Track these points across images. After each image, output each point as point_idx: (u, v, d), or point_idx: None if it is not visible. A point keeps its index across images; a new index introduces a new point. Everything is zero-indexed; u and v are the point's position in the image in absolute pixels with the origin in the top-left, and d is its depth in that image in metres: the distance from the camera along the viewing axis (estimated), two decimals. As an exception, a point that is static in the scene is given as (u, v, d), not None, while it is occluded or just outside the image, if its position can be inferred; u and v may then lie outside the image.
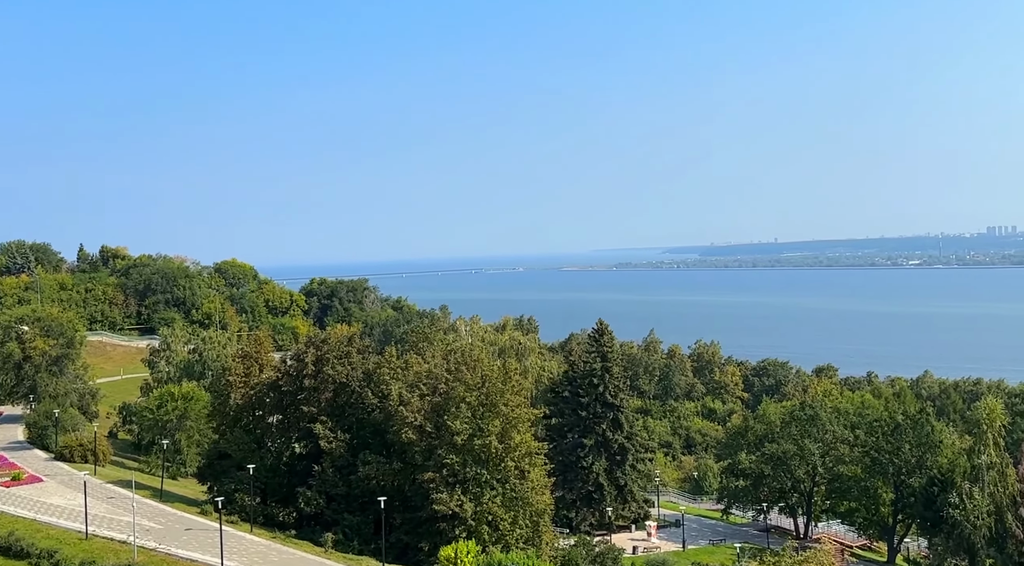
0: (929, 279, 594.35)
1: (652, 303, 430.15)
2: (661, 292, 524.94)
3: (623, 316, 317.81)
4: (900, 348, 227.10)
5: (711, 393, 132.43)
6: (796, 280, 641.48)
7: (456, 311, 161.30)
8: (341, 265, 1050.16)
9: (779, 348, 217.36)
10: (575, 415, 72.92)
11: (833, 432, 70.92)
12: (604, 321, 77.86)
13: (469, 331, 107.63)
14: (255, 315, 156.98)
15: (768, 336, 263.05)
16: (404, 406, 51.85)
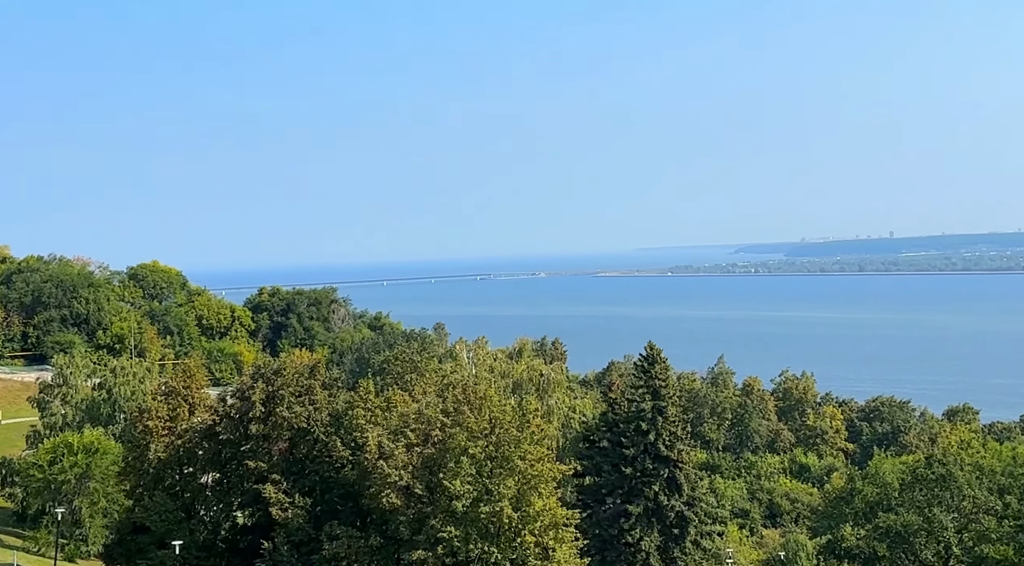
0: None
1: (721, 321, 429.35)
2: (733, 305, 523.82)
3: (681, 338, 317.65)
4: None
5: (803, 443, 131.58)
6: (919, 288, 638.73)
7: (456, 331, 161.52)
8: (300, 269, 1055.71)
9: (896, 382, 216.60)
10: (617, 472, 72.62)
11: (973, 498, 70.05)
12: (655, 345, 77.55)
13: (473, 359, 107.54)
14: (184, 337, 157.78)
15: (881, 366, 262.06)
16: (385, 460, 52.12)
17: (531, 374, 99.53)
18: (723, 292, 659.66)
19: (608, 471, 72.96)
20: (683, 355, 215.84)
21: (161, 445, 59.55)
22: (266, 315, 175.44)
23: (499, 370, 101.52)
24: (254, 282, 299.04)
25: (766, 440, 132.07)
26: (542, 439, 54.74)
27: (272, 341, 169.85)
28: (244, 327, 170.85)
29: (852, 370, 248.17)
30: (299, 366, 62.93)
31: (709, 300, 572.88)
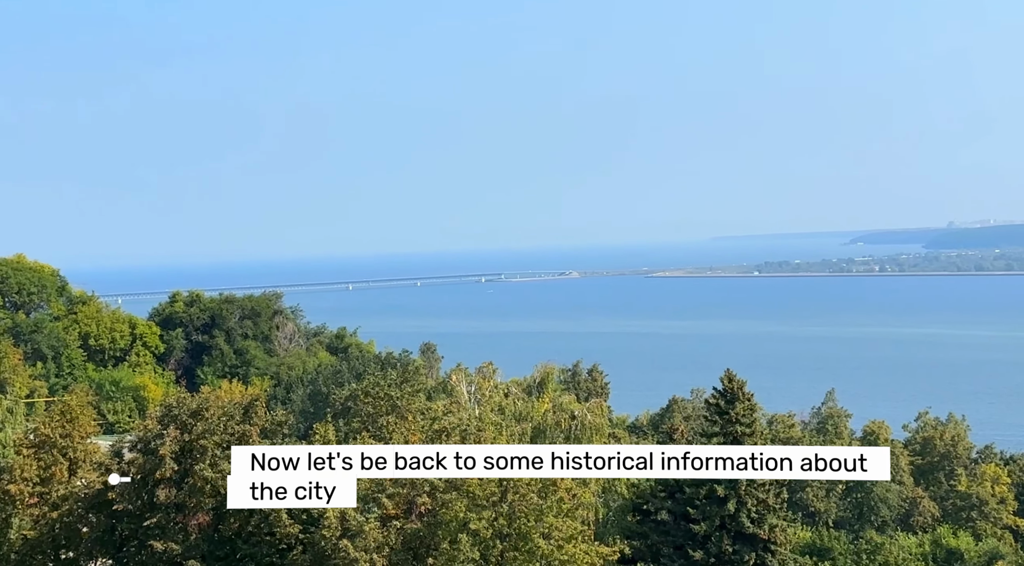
0: None
1: (830, 341, 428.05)
2: (847, 318, 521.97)
3: (774, 366, 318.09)
4: None
5: (951, 518, 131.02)
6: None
7: (451, 355, 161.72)
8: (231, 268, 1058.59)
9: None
10: (682, 558, 72.70)
11: None
12: (736, 375, 77.57)
13: (476, 394, 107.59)
14: (63, 364, 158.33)
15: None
16: (351, 539, 52.48)
17: (559, 416, 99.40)
18: (834, 299, 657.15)
19: (669, 555, 73.20)
20: (776, 390, 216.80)
21: (28, 520, 59.60)
22: (181, 332, 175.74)
23: (513, 411, 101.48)
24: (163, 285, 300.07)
25: (898, 513, 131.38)
26: (574, 509, 54.99)
27: (190, 369, 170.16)
28: (149, 349, 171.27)
29: (1019, 411, 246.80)
30: (228, 405, 63.01)
31: (814, 311, 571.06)
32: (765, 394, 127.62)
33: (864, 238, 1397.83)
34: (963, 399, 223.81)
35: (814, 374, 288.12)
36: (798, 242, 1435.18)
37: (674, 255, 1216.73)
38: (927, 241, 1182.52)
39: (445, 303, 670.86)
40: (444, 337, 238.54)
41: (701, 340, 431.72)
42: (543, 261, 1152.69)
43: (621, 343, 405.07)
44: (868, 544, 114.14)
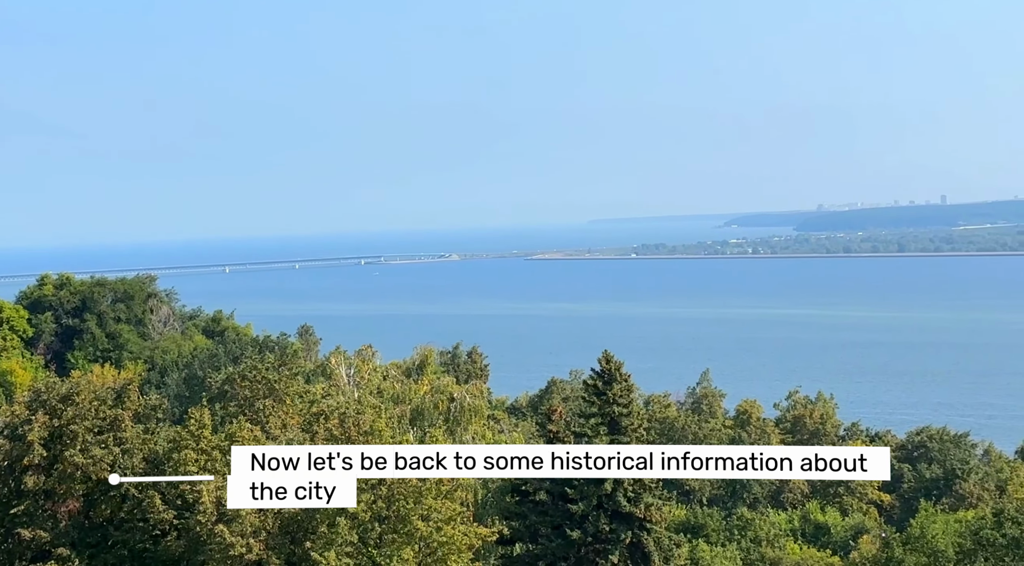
0: None
1: (705, 322, 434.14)
2: (721, 299, 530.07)
3: (650, 347, 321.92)
4: None
5: (820, 494, 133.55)
6: (983, 275, 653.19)
7: (330, 337, 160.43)
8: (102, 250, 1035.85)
9: (950, 408, 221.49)
10: (560, 537, 73.01)
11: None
12: (613, 356, 78.09)
13: (355, 377, 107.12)
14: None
15: (929, 385, 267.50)
16: (227, 524, 51.99)
17: (437, 398, 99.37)
18: (708, 280, 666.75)
19: (547, 535, 73.44)
20: (653, 370, 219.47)
21: None
22: (50, 316, 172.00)
23: (392, 393, 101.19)
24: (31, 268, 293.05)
25: (769, 490, 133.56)
26: (453, 491, 55.07)
27: (60, 354, 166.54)
28: (17, 333, 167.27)
29: (889, 391, 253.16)
30: (100, 390, 61.88)
31: (689, 292, 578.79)
32: (642, 375, 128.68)
33: (738, 221, 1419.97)
34: (832, 378, 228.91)
35: (689, 355, 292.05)
36: (674, 225, 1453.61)
37: (553, 238, 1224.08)
38: (798, 224, 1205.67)
39: (324, 286, 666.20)
40: (323, 320, 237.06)
41: (580, 322, 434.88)
42: (423, 244, 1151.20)
43: (500, 325, 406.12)
44: (740, 521, 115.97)
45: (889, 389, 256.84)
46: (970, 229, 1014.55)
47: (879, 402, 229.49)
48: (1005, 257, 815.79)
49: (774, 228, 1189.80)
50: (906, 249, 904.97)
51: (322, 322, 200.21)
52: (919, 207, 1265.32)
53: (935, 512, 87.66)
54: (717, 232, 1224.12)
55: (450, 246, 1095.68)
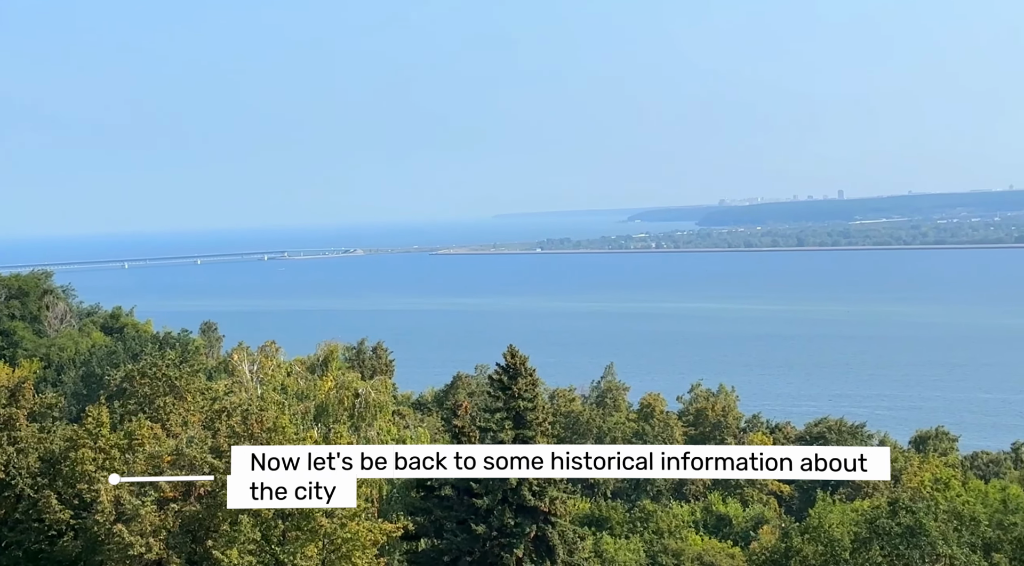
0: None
1: (609, 316, 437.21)
2: (625, 294, 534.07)
3: (555, 341, 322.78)
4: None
5: (721, 486, 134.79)
6: (878, 268, 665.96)
7: (233, 334, 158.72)
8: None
9: (847, 398, 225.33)
10: (465, 532, 72.98)
11: (951, 558, 73.28)
12: (518, 350, 78.18)
13: (258, 373, 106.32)
14: None
15: (827, 377, 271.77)
16: (126, 523, 51.31)
17: (342, 394, 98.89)
18: (612, 275, 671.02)
19: (452, 530, 73.35)
20: (558, 365, 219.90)
21: None
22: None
23: (296, 389, 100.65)
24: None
25: (672, 482, 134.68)
26: (358, 486, 54.53)
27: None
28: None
29: (788, 383, 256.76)
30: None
31: (593, 287, 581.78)
32: (547, 369, 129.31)
33: (641, 216, 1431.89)
34: (734, 371, 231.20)
35: (594, 349, 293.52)
36: (578, 220, 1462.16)
37: (458, 233, 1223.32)
38: (700, 218, 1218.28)
39: (227, 282, 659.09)
40: (226, 316, 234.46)
41: (485, 316, 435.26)
42: (327, 239, 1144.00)
43: (406, 320, 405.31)
44: (643, 513, 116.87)
45: (790, 381, 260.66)
46: (866, 224, 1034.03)
47: (780, 394, 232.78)
48: (899, 251, 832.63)
49: (677, 223, 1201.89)
50: (805, 243, 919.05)
51: (225, 318, 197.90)
52: (817, 202, 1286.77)
53: (832, 502, 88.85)
54: (621, 227, 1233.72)
55: (355, 241, 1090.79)
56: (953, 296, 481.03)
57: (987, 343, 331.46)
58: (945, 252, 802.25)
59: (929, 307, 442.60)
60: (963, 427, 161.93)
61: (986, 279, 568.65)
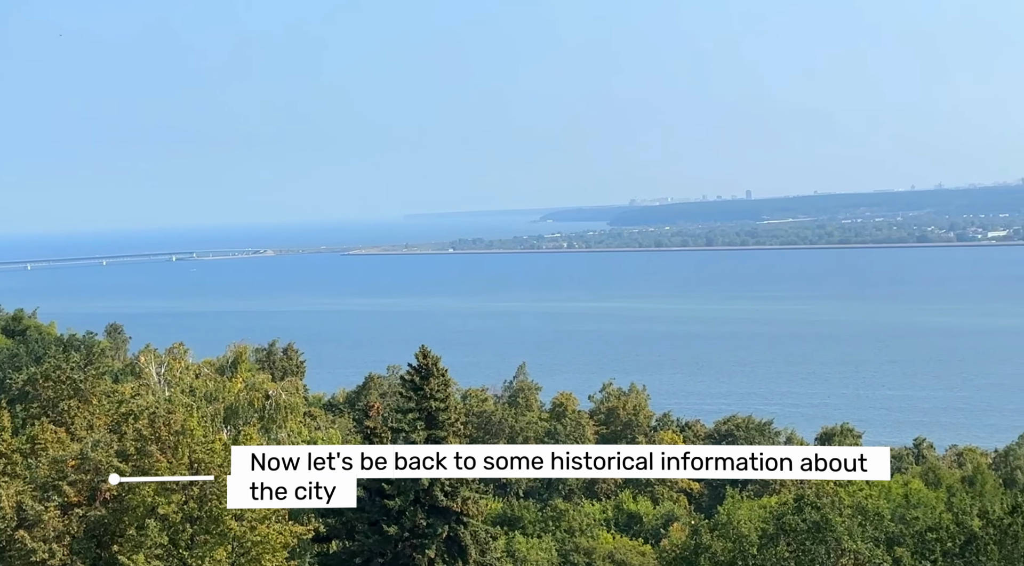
0: (1021, 265, 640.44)
1: (521, 315, 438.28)
2: (536, 293, 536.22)
3: (467, 341, 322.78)
4: (979, 393, 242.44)
5: (633, 484, 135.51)
6: (786, 267, 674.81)
7: (140, 336, 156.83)
8: None
9: (755, 397, 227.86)
10: (376, 533, 72.62)
11: (855, 553, 74.15)
12: (430, 351, 77.98)
13: (165, 375, 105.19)
14: None
15: (736, 375, 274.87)
16: (28, 529, 50.54)
17: (252, 396, 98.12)
18: (524, 275, 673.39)
19: (364, 532, 72.99)
20: (470, 365, 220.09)
21: None
22: None
23: (204, 391, 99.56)
24: None
25: (583, 481, 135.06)
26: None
27: None
28: None
29: (700, 382, 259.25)
30: None
31: (504, 286, 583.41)
32: (460, 369, 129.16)
33: (553, 215, 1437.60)
34: (645, 369, 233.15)
35: (506, 348, 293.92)
36: (490, 220, 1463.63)
37: (369, 233, 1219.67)
38: (611, 218, 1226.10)
39: (134, 283, 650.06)
40: (132, 318, 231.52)
41: (397, 317, 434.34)
42: (237, 239, 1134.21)
43: (318, 321, 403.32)
44: (555, 512, 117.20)
45: (699, 380, 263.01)
46: (773, 223, 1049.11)
47: (690, 392, 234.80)
48: (806, 250, 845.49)
49: (588, 223, 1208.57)
50: (714, 243, 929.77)
51: (131, 320, 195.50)
52: (726, 202, 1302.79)
53: (741, 499, 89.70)
54: (533, 227, 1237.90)
55: (265, 242, 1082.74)
56: (858, 294, 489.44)
57: (891, 340, 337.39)
58: (850, 251, 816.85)
59: (834, 305, 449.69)
60: (867, 423, 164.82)
61: (888, 277, 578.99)
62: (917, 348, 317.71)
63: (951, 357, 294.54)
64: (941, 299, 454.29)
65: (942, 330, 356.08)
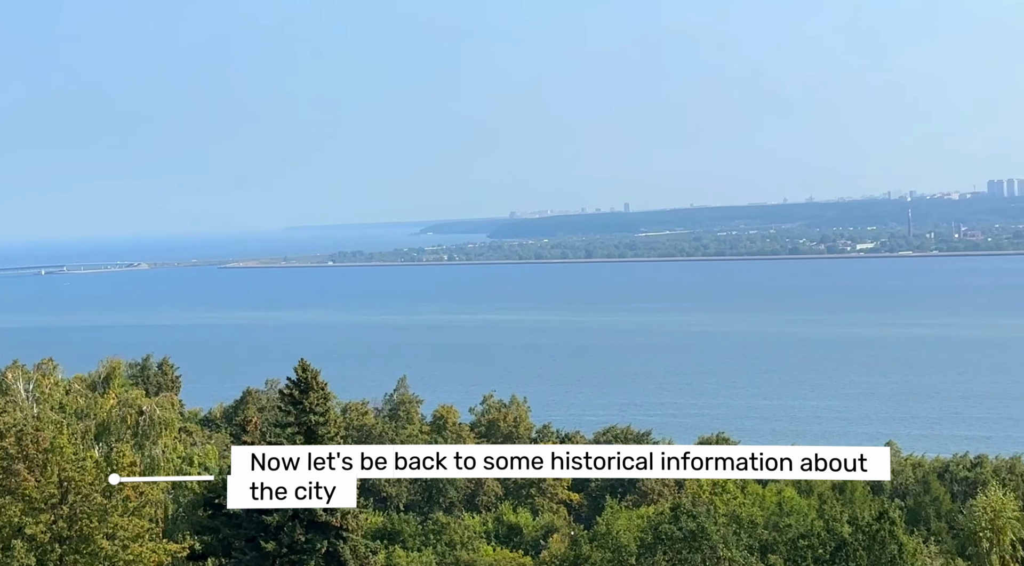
0: (887, 276, 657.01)
1: (401, 329, 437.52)
2: (417, 306, 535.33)
3: (346, 355, 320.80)
4: (847, 402, 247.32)
5: (513, 495, 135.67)
6: (663, 279, 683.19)
7: (6, 352, 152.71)
8: None
9: (634, 407, 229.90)
10: (254, 550, 72.00)
11: (730, 560, 75.33)
12: (310, 364, 77.68)
13: (34, 392, 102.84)
14: None
15: (615, 385, 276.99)
16: None
17: (125, 412, 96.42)
18: (404, 287, 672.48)
19: (241, 549, 72.40)
20: (350, 378, 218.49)
21: None
22: None
23: (75, 408, 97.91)
24: None
25: (464, 493, 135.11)
26: (141, 507, 53.43)
27: None
28: None
29: (580, 393, 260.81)
30: None
31: (385, 299, 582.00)
32: (339, 383, 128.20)
33: (434, 228, 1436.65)
34: (526, 381, 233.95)
35: (387, 361, 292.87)
36: (370, 232, 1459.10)
37: (247, 246, 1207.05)
38: (492, 231, 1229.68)
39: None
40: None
41: (276, 330, 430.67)
42: (110, 252, 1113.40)
43: (194, 335, 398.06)
44: (435, 525, 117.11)
45: (580, 391, 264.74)
46: (651, 236, 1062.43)
47: (571, 404, 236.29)
48: (682, 262, 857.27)
49: (469, 235, 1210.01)
50: (593, 255, 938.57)
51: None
52: (605, 215, 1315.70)
53: (619, 509, 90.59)
54: (413, 239, 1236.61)
55: (139, 254, 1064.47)
56: (733, 305, 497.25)
57: (767, 350, 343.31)
58: (725, 263, 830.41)
59: (710, 316, 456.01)
60: (743, 433, 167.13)
61: (763, 289, 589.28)
62: (790, 358, 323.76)
63: (823, 366, 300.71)
64: (813, 310, 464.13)
65: (814, 340, 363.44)
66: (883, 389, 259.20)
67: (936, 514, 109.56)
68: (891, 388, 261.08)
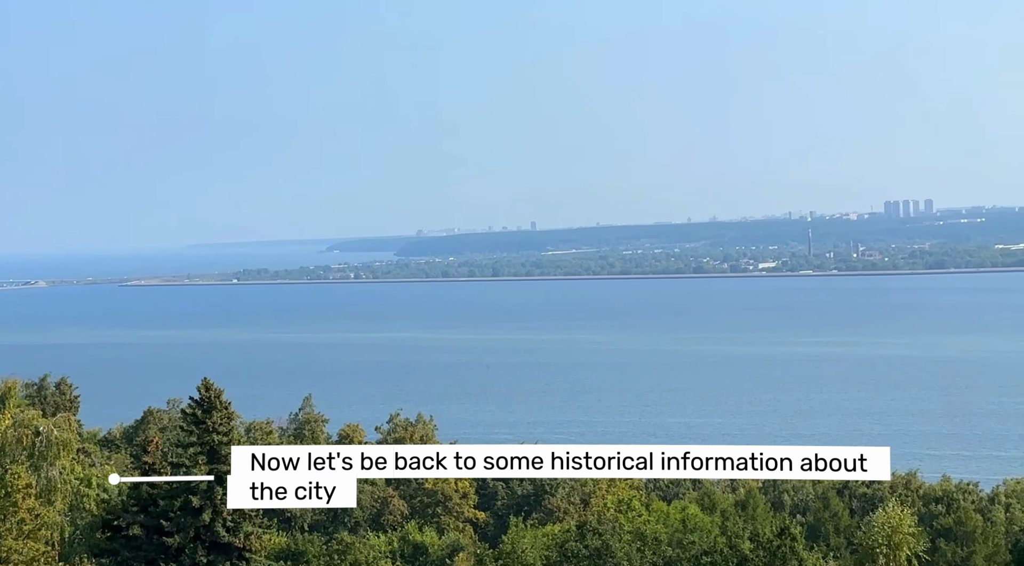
0: (788, 295, 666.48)
1: (306, 347, 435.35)
2: (323, 324, 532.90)
3: (251, 373, 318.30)
4: (751, 419, 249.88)
5: (419, 514, 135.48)
6: (570, 298, 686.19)
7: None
8: None
9: (539, 425, 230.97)
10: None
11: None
12: (213, 383, 77.02)
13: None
14: None
15: (522, 402, 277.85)
16: None
17: (21, 433, 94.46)
18: (310, 305, 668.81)
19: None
20: (255, 397, 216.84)
21: None
22: None
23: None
24: None
25: (369, 513, 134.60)
26: (37, 530, 52.21)
27: None
28: None
29: (486, 411, 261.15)
30: None
31: (291, 318, 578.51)
32: (244, 402, 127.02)
33: (339, 246, 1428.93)
34: (433, 399, 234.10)
35: (292, 380, 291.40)
36: (275, 250, 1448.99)
37: (149, 263, 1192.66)
38: (398, 249, 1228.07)
39: None
40: None
41: (179, 349, 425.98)
42: (5, 269, 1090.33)
43: (94, 354, 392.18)
44: (340, 545, 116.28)
45: (487, 409, 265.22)
46: (557, 254, 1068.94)
47: (479, 422, 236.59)
48: (589, 280, 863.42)
49: (375, 253, 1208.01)
50: (500, 273, 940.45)
51: None
52: (512, 233, 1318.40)
53: (525, 527, 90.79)
54: (320, 257, 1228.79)
55: (36, 272, 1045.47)
56: (639, 323, 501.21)
57: (673, 369, 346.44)
58: (630, 282, 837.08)
59: (617, 335, 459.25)
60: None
61: (666, 307, 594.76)
62: (696, 375, 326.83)
63: (727, 384, 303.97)
64: (717, 329, 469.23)
65: (718, 358, 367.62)
66: (785, 405, 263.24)
67: (835, 530, 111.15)
68: (793, 404, 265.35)
